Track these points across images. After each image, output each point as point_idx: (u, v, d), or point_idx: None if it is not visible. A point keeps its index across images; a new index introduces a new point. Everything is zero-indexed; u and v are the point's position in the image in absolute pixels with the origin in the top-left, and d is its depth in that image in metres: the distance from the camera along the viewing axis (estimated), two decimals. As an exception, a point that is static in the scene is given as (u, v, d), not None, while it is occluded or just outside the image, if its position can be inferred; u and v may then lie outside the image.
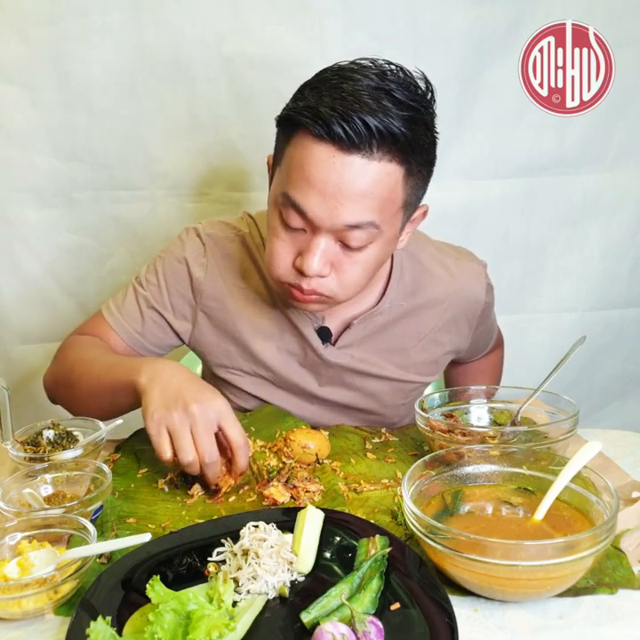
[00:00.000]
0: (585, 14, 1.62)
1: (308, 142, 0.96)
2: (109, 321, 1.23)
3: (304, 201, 0.97)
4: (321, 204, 0.96)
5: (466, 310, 1.26)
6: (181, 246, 1.23)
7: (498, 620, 0.70)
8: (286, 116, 1.00)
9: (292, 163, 0.98)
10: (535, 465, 0.86)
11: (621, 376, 1.96)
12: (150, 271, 1.24)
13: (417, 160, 0.99)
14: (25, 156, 1.65)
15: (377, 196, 0.97)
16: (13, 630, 0.72)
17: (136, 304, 1.22)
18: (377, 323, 1.21)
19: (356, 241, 1.00)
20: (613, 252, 1.83)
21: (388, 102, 0.93)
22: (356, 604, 0.68)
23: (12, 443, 1.02)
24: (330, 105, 0.93)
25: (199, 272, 1.21)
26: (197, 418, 0.93)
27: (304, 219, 0.99)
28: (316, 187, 0.95)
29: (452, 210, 1.73)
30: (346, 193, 0.95)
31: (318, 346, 1.20)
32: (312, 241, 1.00)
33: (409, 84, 0.97)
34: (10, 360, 1.79)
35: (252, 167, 1.71)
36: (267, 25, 1.60)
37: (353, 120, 0.91)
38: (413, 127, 0.95)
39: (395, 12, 1.60)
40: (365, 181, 0.95)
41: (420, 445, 1.15)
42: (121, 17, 1.56)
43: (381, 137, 0.93)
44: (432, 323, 1.24)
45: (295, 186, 0.98)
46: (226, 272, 1.22)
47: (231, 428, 0.95)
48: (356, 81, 0.94)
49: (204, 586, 0.74)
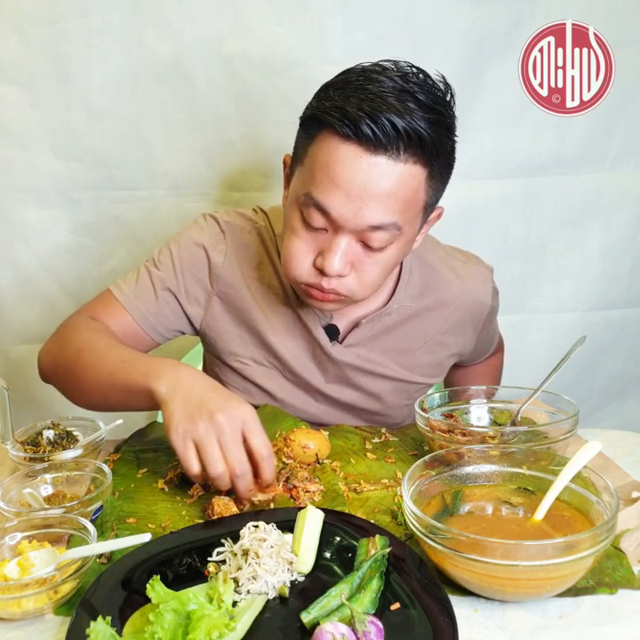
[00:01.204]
0: (585, 14, 1.62)
1: (333, 142, 0.96)
2: (121, 300, 1.19)
3: (328, 201, 0.97)
4: (346, 204, 0.96)
5: (472, 313, 1.27)
6: (200, 231, 1.22)
7: (498, 619, 0.70)
8: (312, 115, 1.00)
9: (317, 162, 0.98)
10: (535, 465, 0.86)
11: (621, 376, 1.96)
12: (164, 254, 1.21)
13: (439, 163, 1.00)
14: (25, 156, 1.65)
15: (401, 198, 0.97)
16: (13, 630, 0.72)
17: (150, 285, 1.20)
18: (385, 323, 1.21)
19: (378, 242, 1.00)
20: (613, 252, 1.83)
21: (413, 104, 0.93)
22: (356, 604, 0.68)
23: (12, 443, 1.02)
24: (357, 105, 0.93)
25: (218, 257, 1.20)
26: (224, 427, 0.88)
27: (327, 218, 0.99)
28: (342, 187, 0.95)
29: (451, 210, 1.71)
30: (371, 194, 0.95)
31: (326, 343, 1.20)
32: (334, 240, 1.00)
33: (431, 86, 0.98)
34: (10, 360, 1.79)
35: (252, 167, 1.71)
36: (267, 25, 1.59)
37: (381, 120, 0.92)
38: (438, 130, 0.96)
39: (395, 12, 1.60)
40: (390, 182, 0.95)
41: (420, 445, 1.15)
42: (121, 17, 1.56)
43: (409, 138, 0.93)
44: (439, 325, 1.25)
45: (319, 186, 0.97)
46: (242, 261, 1.21)
47: (256, 437, 0.91)
48: (381, 82, 0.94)
49: (204, 586, 0.74)
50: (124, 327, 1.19)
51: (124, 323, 1.19)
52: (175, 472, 1.03)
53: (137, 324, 1.19)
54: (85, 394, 1.12)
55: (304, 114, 1.03)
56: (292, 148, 1.07)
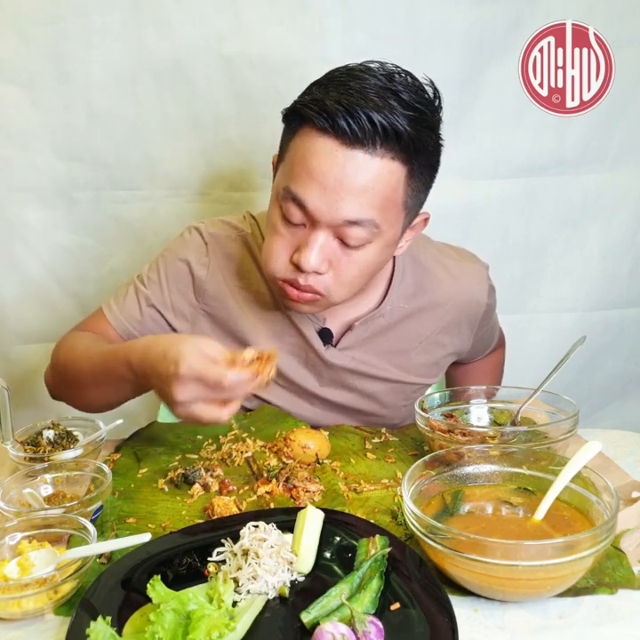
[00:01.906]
0: (585, 14, 1.62)
1: (311, 135, 0.96)
2: (108, 317, 1.22)
3: (304, 193, 0.97)
4: (321, 196, 0.96)
5: (467, 313, 1.26)
6: (184, 245, 1.23)
7: (498, 619, 0.70)
8: (292, 108, 1.01)
9: (295, 156, 0.99)
10: (535, 465, 0.86)
11: (621, 376, 1.96)
12: (152, 269, 1.24)
13: (420, 162, 0.99)
14: (25, 156, 1.65)
15: (378, 193, 0.97)
16: (13, 630, 0.72)
17: (136, 301, 1.22)
18: (378, 325, 1.21)
19: (355, 239, 1.00)
20: (613, 252, 1.83)
21: (395, 102, 0.94)
22: (356, 604, 0.68)
23: (12, 443, 1.02)
24: (336, 99, 0.93)
25: (201, 271, 1.21)
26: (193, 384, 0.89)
27: (304, 212, 0.99)
28: (317, 179, 0.96)
29: (452, 210, 1.73)
30: (347, 187, 0.95)
31: (319, 347, 1.20)
32: (311, 236, 1.00)
33: (417, 88, 0.98)
34: (10, 360, 1.79)
35: (251, 167, 1.71)
36: (267, 25, 1.60)
37: (358, 114, 0.92)
38: (418, 128, 0.95)
39: (395, 12, 1.60)
40: (367, 177, 0.95)
41: (420, 445, 1.15)
42: (121, 17, 1.56)
43: (385, 134, 0.93)
44: (433, 325, 1.24)
45: (297, 179, 0.98)
46: (227, 272, 1.22)
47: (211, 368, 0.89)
48: (364, 80, 0.95)
49: (204, 586, 0.74)
50: (111, 342, 1.21)
51: (111, 338, 1.22)
52: (175, 472, 1.03)
53: (122, 338, 1.22)
54: (84, 397, 1.16)
55: (286, 108, 1.03)
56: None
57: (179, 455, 1.12)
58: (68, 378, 1.16)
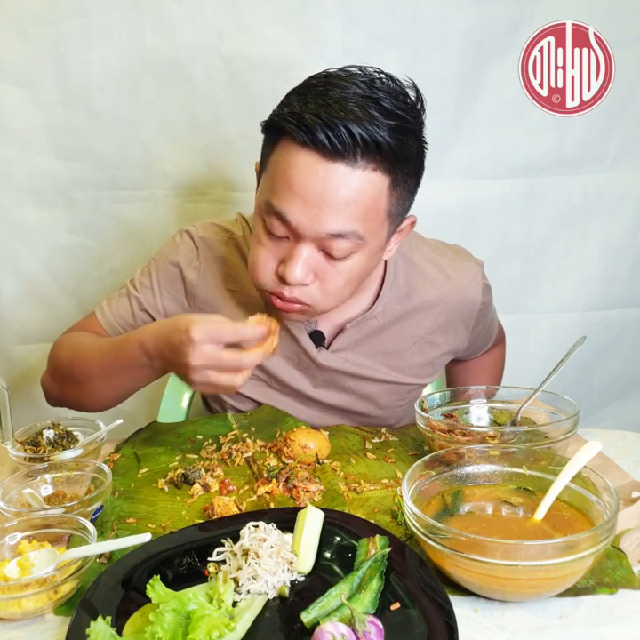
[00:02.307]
0: (585, 14, 1.62)
1: (291, 149, 0.95)
2: (100, 320, 1.23)
3: (287, 208, 0.96)
4: (303, 211, 0.95)
5: (462, 312, 1.25)
6: (175, 249, 1.23)
7: (498, 619, 0.70)
8: (271, 121, 1.00)
9: (276, 170, 0.98)
10: (535, 465, 0.86)
11: (621, 376, 1.96)
12: (144, 274, 1.24)
13: (403, 170, 0.98)
14: (25, 156, 1.65)
15: (360, 205, 0.96)
16: (13, 630, 0.72)
17: (128, 305, 1.22)
18: (371, 326, 1.20)
19: (339, 251, 0.99)
20: (613, 252, 1.83)
21: (375, 111, 0.92)
22: (356, 604, 0.68)
23: (12, 443, 1.02)
24: (314, 111, 0.92)
25: (192, 275, 1.21)
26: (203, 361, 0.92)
27: (287, 227, 0.98)
28: (299, 194, 0.95)
29: (452, 210, 1.73)
30: (329, 201, 0.94)
31: (312, 350, 1.20)
32: (295, 249, 0.99)
33: (398, 92, 0.96)
34: (10, 360, 1.79)
35: (251, 167, 1.69)
36: (267, 25, 1.60)
37: (337, 128, 0.90)
38: (400, 137, 0.94)
39: (395, 12, 1.60)
40: (349, 190, 0.94)
41: (420, 445, 1.15)
42: (121, 17, 1.57)
43: (366, 146, 0.92)
44: (427, 325, 1.23)
45: (278, 193, 0.97)
46: (218, 275, 1.21)
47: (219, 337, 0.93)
48: (343, 88, 0.93)
49: (204, 586, 0.74)
50: None
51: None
52: (175, 472, 1.03)
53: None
54: (94, 392, 1.14)
55: (265, 120, 1.02)
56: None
57: (179, 455, 1.12)
58: (75, 375, 1.15)
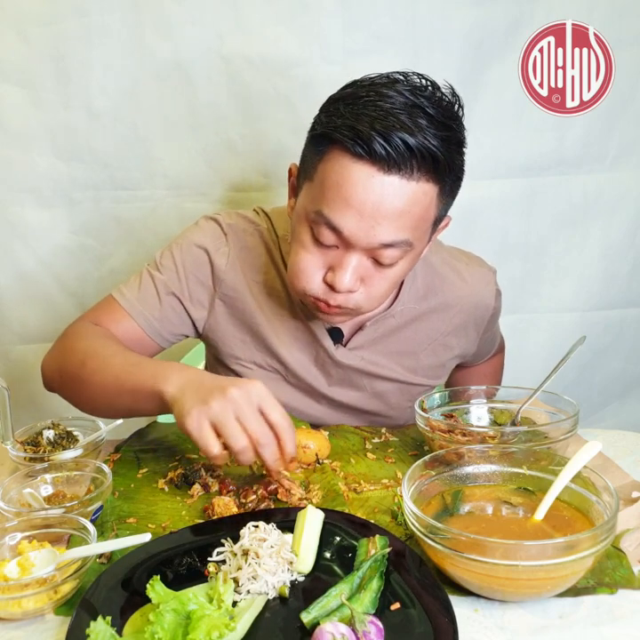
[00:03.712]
0: (585, 14, 1.62)
1: (345, 161, 0.94)
2: (125, 306, 1.18)
3: (341, 220, 0.96)
4: (358, 223, 0.95)
5: (475, 315, 1.27)
6: (202, 233, 1.21)
7: (498, 619, 0.70)
8: (323, 133, 0.97)
9: (328, 180, 0.97)
10: (535, 465, 0.86)
11: (621, 376, 1.96)
12: (166, 257, 1.21)
13: (451, 178, 0.99)
14: (25, 156, 1.65)
15: (413, 216, 0.96)
16: (13, 630, 0.72)
17: (154, 289, 1.19)
18: (389, 325, 1.21)
19: (389, 258, 1.00)
20: (613, 252, 1.83)
21: (425, 121, 0.92)
22: (356, 604, 0.68)
23: (12, 443, 1.02)
24: (369, 124, 0.91)
25: (221, 260, 1.20)
26: (240, 401, 0.87)
27: (338, 236, 0.98)
28: (354, 206, 0.95)
29: (451, 210, 1.73)
30: (384, 213, 0.94)
31: (329, 346, 1.20)
32: (344, 257, 0.99)
33: (440, 99, 0.97)
34: (10, 360, 1.79)
35: (252, 167, 1.71)
36: (267, 25, 1.60)
37: (394, 140, 0.90)
38: (450, 147, 0.95)
39: (395, 12, 1.60)
40: (403, 201, 0.94)
41: (420, 445, 1.15)
42: (121, 17, 1.56)
43: (422, 157, 0.92)
44: (442, 327, 1.25)
45: (331, 205, 0.96)
46: (245, 264, 1.21)
47: (274, 410, 0.89)
48: (391, 97, 0.93)
49: (204, 586, 0.74)
50: (129, 333, 1.18)
51: (129, 328, 1.18)
52: (175, 472, 1.03)
53: (142, 329, 1.18)
54: (91, 400, 1.11)
55: (313, 129, 1.01)
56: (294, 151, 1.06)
57: (179, 455, 1.12)
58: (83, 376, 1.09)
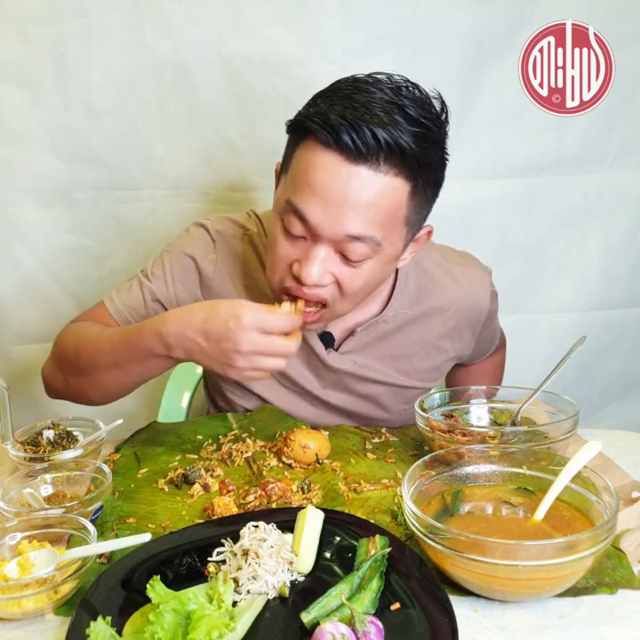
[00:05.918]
0: (585, 14, 1.62)
1: (315, 149, 0.95)
2: (111, 311, 1.21)
3: (307, 207, 0.96)
4: (323, 211, 0.95)
5: (469, 318, 1.26)
6: (190, 241, 1.22)
7: (498, 619, 0.70)
8: (296, 121, 1.00)
9: (298, 169, 0.98)
10: (535, 465, 0.86)
11: (621, 376, 1.96)
12: (157, 265, 1.22)
13: (424, 178, 0.98)
14: (25, 156, 1.65)
15: (380, 210, 0.96)
16: (13, 630, 0.72)
17: (141, 296, 1.21)
18: (380, 330, 1.21)
19: (356, 254, 0.99)
20: (613, 252, 1.83)
21: (400, 117, 0.92)
22: (356, 604, 0.68)
23: (12, 443, 1.02)
24: (340, 113, 0.92)
25: (209, 268, 1.20)
26: (252, 347, 0.95)
27: (305, 226, 0.98)
28: (320, 194, 0.95)
29: (451, 210, 1.73)
30: (350, 203, 0.95)
31: (321, 351, 1.20)
32: (311, 249, 0.99)
33: (423, 102, 0.97)
34: (10, 360, 1.79)
35: (252, 167, 1.71)
36: (267, 25, 1.60)
37: (362, 130, 0.91)
38: (423, 144, 0.94)
39: (395, 12, 1.60)
40: (370, 193, 0.94)
41: (420, 445, 1.15)
42: (121, 17, 1.56)
43: (389, 150, 0.92)
44: (436, 330, 1.24)
45: (298, 192, 0.97)
46: (233, 270, 1.21)
47: (272, 327, 0.97)
48: (370, 93, 0.94)
49: (204, 586, 0.74)
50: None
51: None
52: (175, 472, 1.03)
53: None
54: (100, 384, 1.13)
55: (291, 119, 1.02)
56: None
57: (179, 455, 1.12)
58: (81, 364, 1.13)
